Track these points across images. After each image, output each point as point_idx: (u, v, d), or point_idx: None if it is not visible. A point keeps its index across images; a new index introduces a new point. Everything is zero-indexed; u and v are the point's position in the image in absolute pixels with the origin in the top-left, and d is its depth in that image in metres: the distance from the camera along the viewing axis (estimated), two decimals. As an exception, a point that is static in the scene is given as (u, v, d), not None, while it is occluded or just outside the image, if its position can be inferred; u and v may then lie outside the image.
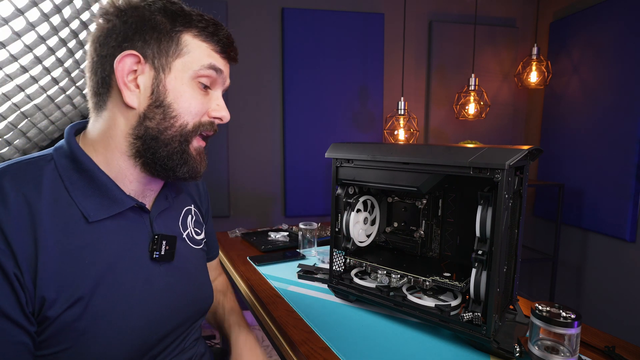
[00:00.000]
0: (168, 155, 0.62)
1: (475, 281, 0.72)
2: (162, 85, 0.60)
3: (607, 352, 0.75)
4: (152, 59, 0.59)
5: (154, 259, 0.65)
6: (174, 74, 0.61)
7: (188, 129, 0.63)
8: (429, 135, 2.73)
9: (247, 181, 2.47)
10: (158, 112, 0.60)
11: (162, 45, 0.60)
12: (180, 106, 0.61)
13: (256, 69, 2.41)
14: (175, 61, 0.60)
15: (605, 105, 2.19)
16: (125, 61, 0.58)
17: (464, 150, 0.72)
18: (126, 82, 0.59)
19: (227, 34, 0.66)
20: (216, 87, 0.67)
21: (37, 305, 0.52)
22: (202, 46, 0.62)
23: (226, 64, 0.67)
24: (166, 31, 0.60)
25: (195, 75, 0.62)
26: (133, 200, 0.63)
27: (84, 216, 0.57)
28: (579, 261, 2.43)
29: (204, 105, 0.64)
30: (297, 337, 0.79)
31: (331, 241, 0.95)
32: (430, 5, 2.63)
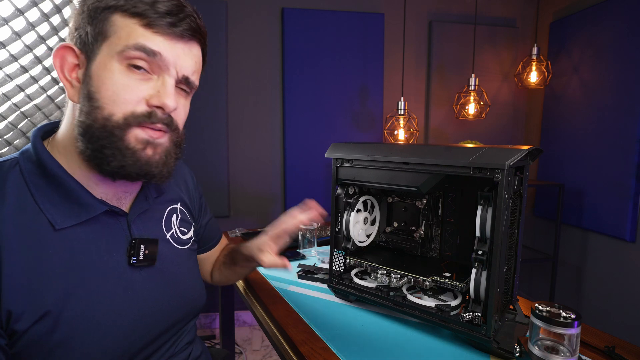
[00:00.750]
0: (99, 148, 0.54)
1: (475, 281, 0.72)
2: (88, 75, 0.54)
3: (607, 352, 0.75)
4: (86, 48, 0.54)
5: (132, 264, 0.61)
6: (99, 60, 0.53)
7: (114, 120, 0.53)
8: (429, 135, 2.73)
9: (247, 181, 2.47)
10: (85, 104, 0.54)
11: (92, 29, 0.53)
12: (103, 95, 0.53)
13: (256, 69, 2.41)
14: (102, 45, 0.53)
15: (605, 105, 2.19)
16: (64, 56, 0.54)
17: (464, 150, 0.72)
18: (67, 76, 0.55)
19: (171, 5, 0.54)
20: (160, 71, 0.56)
21: (4, 318, 0.49)
22: (129, 23, 0.53)
23: (171, 43, 0.55)
24: (94, 11, 0.53)
25: (121, 57, 0.53)
26: (104, 205, 0.58)
27: (50, 224, 0.54)
28: (579, 261, 2.43)
29: (137, 93, 0.54)
30: (297, 337, 0.79)
31: (331, 241, 0.95)
32: (430, 5, 2.63)
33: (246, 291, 1.11)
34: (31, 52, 1.02)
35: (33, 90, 1.11)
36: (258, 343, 2.31)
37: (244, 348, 2.25)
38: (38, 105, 1.17)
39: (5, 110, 1.09)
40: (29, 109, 1.15)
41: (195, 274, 0.76)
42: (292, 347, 0.78)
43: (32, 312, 0.50)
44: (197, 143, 2.26)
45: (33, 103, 1.15)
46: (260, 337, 2.38)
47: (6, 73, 1.01)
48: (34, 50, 1.02)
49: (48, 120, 1.26)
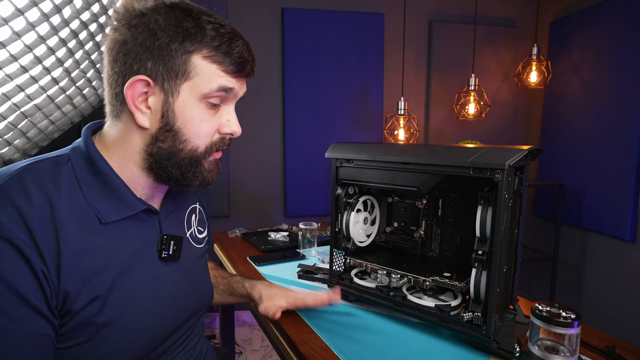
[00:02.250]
0: (181, 174, 0.63)
1: (475, 281, 0.72)
2: (171, 110, 0.60)
3: (607, 352, 0.75)
4: (162, 82, 0.58)
5: (163, 258, 0.66)
6: (182, 98, 0.60)
7: (199, 151, 0.63)
8: (429, 135, 2.73)
9: (247, 181, 2.47)
10: (169, 136, 0.61)
11: (169, 67, 0.58)
12: (190, 131, 0.61)
13: (256, 69, 2.40)
14: (183, 84, 0.59)
15: (605, 105, 2.19)
16: (136, 86, 0.58)
17: (464, 150, 0.72)
18: (137, 105, 0.59)
19: (241, 51, 0.62)
20: (227, 102, 0.66)
21: (61, 299, 0.54)
22: (211, 68, 0.60)
23: (239, 80, 0.65)
24: (175, 52, 0.58)
25: (203, 97, 0.61)
26: (144, 204, 0.64)
27: (97, 217, 0.59)
28: (579, 261, 2.43)
29: (214, 125, 0.64)
30: (297, 337, 0.79)
31: (331, 241, 0.95)
32: (430, 5, 2.63)
33: (246, 291, 1.10)
34: (31, 52, 1.02)
35: (33, 90, 1.11)
36: (258, 343, 2.31)
37: (244, 348, 2.25)
38: (38, 105, 1.17)
39: (5, 110, 1.09)
40: (29, 109, 1.15)
41: (207, 271, 0.82)
42: (292, 347, 0.79)
43: (85, 295, 0.55)
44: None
45: (33, 103, 1.15)
46: (260, 337, 2.38)
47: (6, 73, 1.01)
48: (34, 50, 1.02)
49: (48, 121, 1.26)
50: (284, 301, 0.85)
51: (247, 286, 0.91)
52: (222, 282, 0.96)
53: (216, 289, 0.95)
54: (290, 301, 0.85)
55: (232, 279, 0.96)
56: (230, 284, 0.95)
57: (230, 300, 0.97)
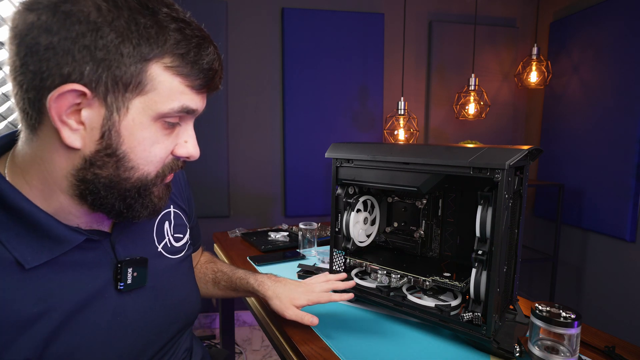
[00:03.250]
0: (127, 206, 0.51)
1: (475, 281, 0.72)
2: (115, 130, 0.46)
3: (607, 352, 0.75)
4: (104, 93, 0.44)
5: (119, 290, 0.55)
6: (131, 116, 0.46)
7: (150, 179, 0.51)
8: (429, 135, 2.73)
9: (247, 181, 2.47)
10: (110, 162, 0.47)
11: (117, 76, 0.44)
12: (139, 156, 0.48)
13: (256, 69, 2.41)
14: (134, 99, 0.46)
15: (605, 105, 2.19)
16: (66, 97, 0.43)
17: (464, 150, 0.72)
18: (64, 120, 0.44)
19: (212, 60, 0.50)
20: (186, 120, 0.54)
21: None
22: (173, 82, 0.47)
23: (203, 97, 0.53)
24: (126, 57, 0.44)
25: (160, 116, 0.48)
26: (82, 234, 0.51)
27: (18, 263, 0.46)
28: (579, 261, 2.43)
29: (169, 147, 0.52)
30: (297, 337, 0.79)
31: (331, 241, 0.95)
32: (430, 5, 2.63)
33: (246, 291, 1.10)
34: (31, 52, 1.02)
35: (33, 90, 1.12)
36: (258, 343, 2.31)
37: (244, 348, 2.25)
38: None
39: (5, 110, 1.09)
40: (29, 109, 1.15)
41: (189, 281, 0.72)
42: (292, 347, 0.79)
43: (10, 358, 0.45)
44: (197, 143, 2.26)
45: (33, 103, 1.15)
46: (260, 337, 2.38)
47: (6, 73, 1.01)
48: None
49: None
50: (304, 300, 0.80)
51: (253, 282, 0.83)
52: (222, 277, 0.88)
53: (217, 285, 0.88)
54: (313, 299, 0.80)
55: (234, 275, 0.87)
56: (233, 280, 0.87)
57: (233, 295, 0.90)
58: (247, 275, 0.87)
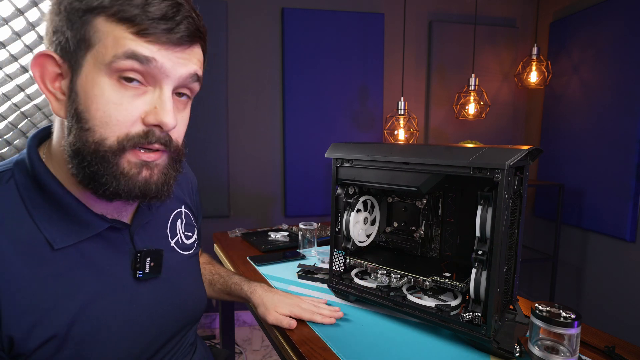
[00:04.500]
0: (92, 175, 0.49)
1: (475, 281, 0.72)
2: (74, 91, 0.47)
3: (607, 352, 0.75)
4: (68, 57, 0.47)
5: (138, 278, 0.59)
6: (84, 73, 0.46)
7: (108, 145, 0.48)
8: (429, 135, 2.73)
9: (247, 181, 2.47)
10: (73, 124, 0.48)
11: (73, 35, 0.46)
12: (93, 116, 0.47)
13: (256, 69, 2.41)
14: (86, 55, 0.46)
15: (605, 105, 2.19)
16: (43, 64, 0.47)
17: (464, 150, 0.72)
18: (50, 88, 0.48)
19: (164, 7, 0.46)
20: (157, 82, 0.49)
21: (6, 344, 0.47)
22: (116, 29, 0.45)
23: (168, 50, 0.48)
24: (73, 14, 0.46)
25: (111, 70, 0.46)
26: (106, 222, 0.55)
27: (48, 243, 0.50)
28: (579, 261, 2.43)
29: (131, 111, 0.48)
30: (297, 337, 0.79)
31: (331, 241, 0.95)
32: (430, 5, 2.63)
33: (246, 291, 1.10)
34: (31, 52, 1.02)
35: (33, 90, 1.11)
36: (258, 343, 2.31)
37: (244, 348, 2.25)
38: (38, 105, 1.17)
39: (5, 110, 1.09)
40: (29, 109, 1.15)
41: (197, 278, 0.76)
42: (292, 347, 0.78)
43: (38, 335, 0.48)
44: (197, 143, 2.26)
45: (33, 103, 1.15)
46: (260, 337, 2.38)
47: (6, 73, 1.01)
48: (33, 51, 1.02)
49: (48, 121, 1.26)
50: (287, 310, 0.82)
51: (247, 290, 0.87)
52: (219, 280, 0.92)
53: (212, 286, 0.91)
54: (296, 312, 0.82)
55: (230, 279, 0.91)
56: (228, 285, 0.90)
57: (227, 298, 0.94)
58: (241, 281, 0.91)
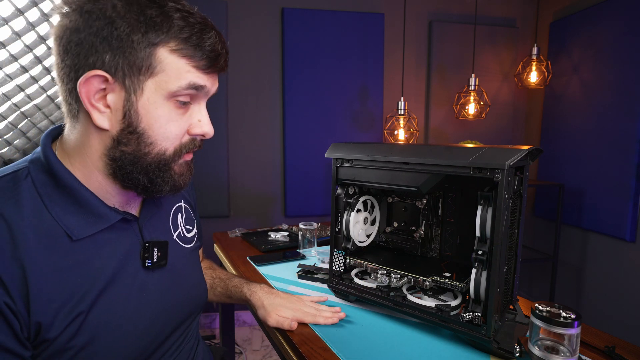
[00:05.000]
0: (149, 180, 0.58)
1: (475, 281, 0.72)
2: (134, 110, 0.53)
3: (607, 352, 0.75)
4: (122, 77, 0.52)
5: (147, 267, 0.63)
6: (146, 96, 0.53)
7: (168, 154, 0.58)
8: (429, 135, 2.73)
9: (247, 181, 2.47)
10: (132, 138, 0.55)
11: (131, 61, 0.51)
12: (156, 132, 0.55)
13: (256, 69, 2.41)
14: (147, 81, 0.53)
15: (605, 105, 2.19)
16: (92, 82, 0.51)
17: (464, 150, 0.72)
18: (94, 103, 0.52)
19: (214, 43, 0.56)
20: (198, 100, 0.60)
21: (33, 330, 0.50)
22: (179, 63, 0.53)
23: (211, 77, 0.59)
24: (138, 44, 0.51)
25: (171, 95, 0.55)
26: (119, 214, 0.60)
27: (67, 234, 0.54)
28: (579, 261, 2.43)
29: (183, 126, 0.58)
30: (297, 337, 0.79)
31: (331, 241, 0.95)
32: (430, 5, 2.63)
33: (246, 291, 1.11)
34: (31, 52, 1.02)
35: (33, 90, 1.11)
36: (258, 343, 2.31)
37: (244, 348, 2.25)
38: (38, 105, 1.17)
39: (5, 110, 1.09)
40: (29, 109, 1.15)
41: (198, 271, 0.78)
42: (292, 347, 0.79)
43: (61, 321, 0.51)
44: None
45: (33, 103, 1.15)
46: (260, 337, 2.38)
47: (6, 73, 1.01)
48: (34, 50, 1.02)
49: (48, 121, 1.26)
50: (289, 314, 0.82)
51: (246, 292, 0.88)
52: (219, 284, 0.93)
53: (213, 290, 0.93)
54: (298, 316, 0.82)
55: (230, 282, 0.92)
56: (228, 288, 0.92)
57: (228, 301, 0.95)
58: (241, 284, 0.91)
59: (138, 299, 0.61)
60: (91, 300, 0.54)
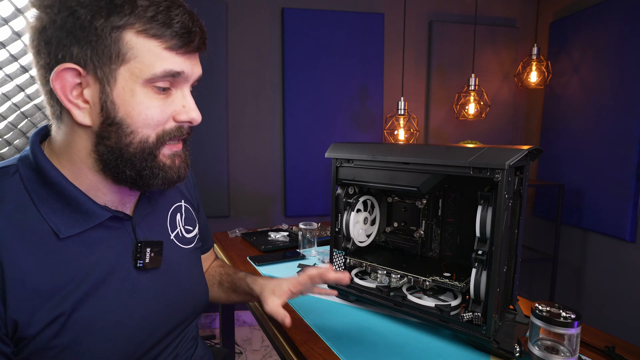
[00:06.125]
0: (137, 172, 0.56)
1: (475, 281, 0.72)
2: (110, 101, 0.52)
3: (607, 352, 0.75)
4: (94, 69, 0.50)
5: (138, 267, 0.61)
6: (120, 85, 0.51)
7: (151, 141, 0.55)
8: (429, 135, 2.73)
9: (247, 181, 2.47)
10: (112, 130, 0.53)
11: (99, 49, 0.49)
12: (135, 120, 0.53)
13: (256, 69, 2.41)
14: (120, 69, 0.51)
15: (605, 105, 2.19)
16: (64, 77, 0.50)
17: (464, 150, 0.72)
18: (72, 99, 0.51)
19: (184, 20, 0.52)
20: (180, 85, 0.57)
21: (10, 327, 0.49)
22: (150, 45, 0.51)
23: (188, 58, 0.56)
24: (102, 30, 0.49)
25: (147, 82, 0.52)
26: (109, 212, 0.58)
27: (54, 232, 0.53)
28: (579, 261, 2.43)
29: (166, 111, 0.56)
30: (297, 337, 0.79)
31: (331, 241, 0.95)
32: (430, 5, 2.63)
33: (246, 291, 1.10)
34: (31, 52, 1.02)
35: (33, 90, 1.11)
36: (258, 343, 2.31)
37: (244, 348, 2.25)
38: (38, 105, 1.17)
39: (5, 110, 1.09)
40: (29, 109, 1.15)
41: (198, 272, 0.76)
42: (292, 347, 0.78)
43: (40, 319, 0.50)
44: (197, 143, 2.26)
45: (33, 103, 1.15)
46: (260, 337, 2.38)
47: (6, 73, 1.01)
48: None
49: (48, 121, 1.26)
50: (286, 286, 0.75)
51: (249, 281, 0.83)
52: (227, 279, 0.89)
53: (222, 286, 0.89)
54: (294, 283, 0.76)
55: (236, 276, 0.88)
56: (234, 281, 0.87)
57: (235, 297, 0.89)
58: (246, 275, 0.87)
59: (128, 300, 0.59)
60: (75, 300, 0.53)
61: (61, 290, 0.52)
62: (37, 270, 0.51)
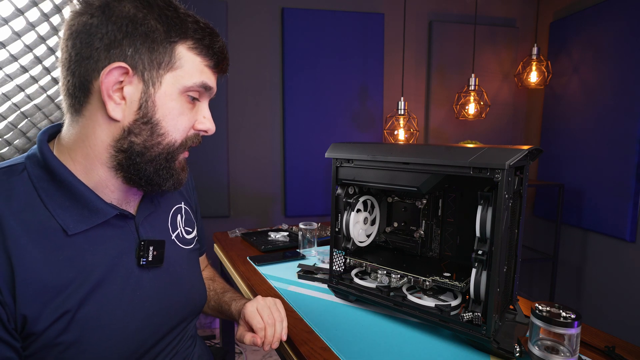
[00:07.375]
0: (155, 171, 0.60)
1: (475, 281, 0.72)
2: (151, 101, 0.57)
3: (607, 352, 0.75)
4: (142, 71, 0.55)
5: (142, 265, 0.62)
6: (164, 89, 0.57)
7: (176, 146, 0.61)
8: (429, 135, 2.73)
9: (247, 181, 2.47)
10: (145, 129, 0.57)
11: (155, 56, 0.56)
12: (169, 123, 0.59)
13: (256, 69, 2.41)
14: (166, 74, 0.57)
15: (605, 105, 2.19)
16: (113, 74, 0.54)
17: (464, 150, 0.72)
18: (111, 95, 0.54)
19: (222, 46, 0.63)
20: (204, 98, 0.65)
21: (20, 322, 0.50)
22: (195, 60, 0.59)
23: (216, 77, 0.65)
24: (160, 40, 0.56)
25: (185, 90, 0.59)
26: (115, 209, 0.60)
27: (62, 229, 0.54)
28: (579, 261, 2.43)
29: (191, 120, 0.62)
30: (297, 337, 0.79)
31: (331, 241, 0.95)
32: (430, 5, 2.63)
33: (246, 291, 1.11)
34: (31, 52, 1.02)
35: (33, 90, 1.11)
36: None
37: (244, 348, 2.25)
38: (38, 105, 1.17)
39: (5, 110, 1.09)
40: (29, 109, 1.15)
41: (197, 273, 0.78)
42: (292, 347, 0.78)
43: (48, 315, 0.51)
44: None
45: (33, 103, 1.15)
46: (260, 337, 2.37)
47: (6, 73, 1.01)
48: (34, 50, 1.02)
49: (48, 121, 1.26)
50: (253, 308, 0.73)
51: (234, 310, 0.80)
52: (214, 297, 0.88)
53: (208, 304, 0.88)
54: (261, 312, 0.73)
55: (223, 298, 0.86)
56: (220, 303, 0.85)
57: (220, 317, 0.89)
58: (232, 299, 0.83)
59: (131, 298, 0.60)
60: (81, 297, 0.54)
61: (68, 286, 0.53)
62: (46, 266, 0.52)
